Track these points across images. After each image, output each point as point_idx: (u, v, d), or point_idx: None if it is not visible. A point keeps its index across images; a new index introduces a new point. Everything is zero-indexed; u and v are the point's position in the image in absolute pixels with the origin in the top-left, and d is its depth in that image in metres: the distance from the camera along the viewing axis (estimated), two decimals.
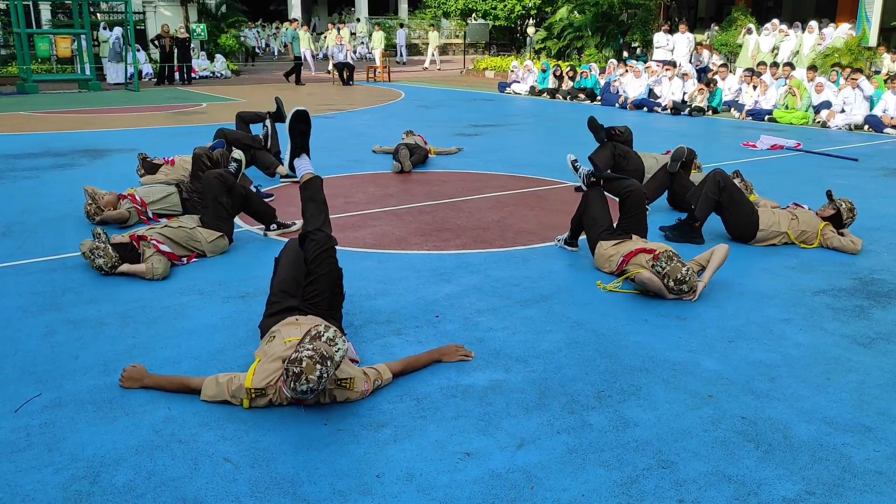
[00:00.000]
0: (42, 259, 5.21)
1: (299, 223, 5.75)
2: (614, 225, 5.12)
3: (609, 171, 6.82)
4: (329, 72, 23.65)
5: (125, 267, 4.81)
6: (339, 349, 2.97)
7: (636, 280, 4.56)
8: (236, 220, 6.10)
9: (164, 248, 4.95)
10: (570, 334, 4.01)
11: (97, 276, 4.83)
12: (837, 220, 5.64)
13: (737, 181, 6.34)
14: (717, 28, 20.08)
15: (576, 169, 5.44)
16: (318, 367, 2.89)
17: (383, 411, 3.19)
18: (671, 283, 4.42)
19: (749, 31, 17.33)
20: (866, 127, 11.98)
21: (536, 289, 4.72)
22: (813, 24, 16.63)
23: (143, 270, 4.79)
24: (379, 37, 25.24)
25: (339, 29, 24.87)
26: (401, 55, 30.26)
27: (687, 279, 4.41)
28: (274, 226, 5.85)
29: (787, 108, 13.01)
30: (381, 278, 4.88)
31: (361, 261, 5.22)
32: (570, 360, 3.69)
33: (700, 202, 5.68)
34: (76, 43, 19.45)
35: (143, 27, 23.67)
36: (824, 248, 5.57)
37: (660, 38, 18.41)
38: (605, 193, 5.26)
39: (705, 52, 18.35)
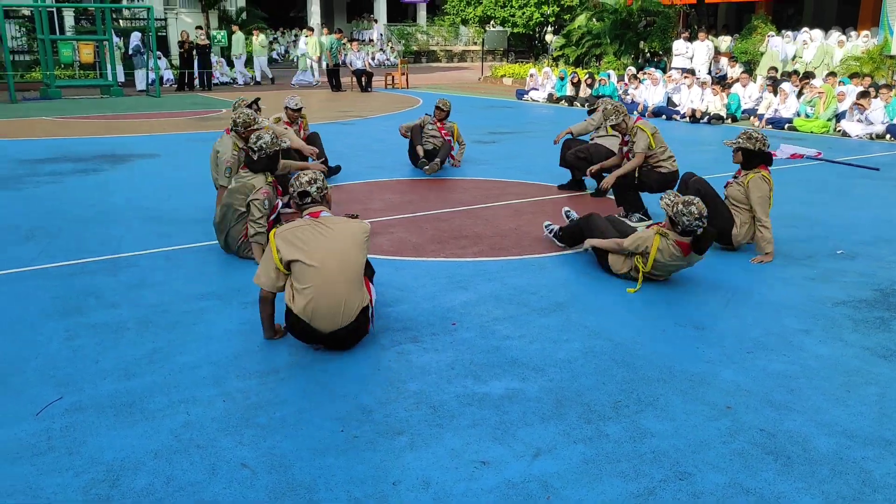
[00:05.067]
0: (64, 263, 5.27)
1: None
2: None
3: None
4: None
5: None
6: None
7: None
8: None
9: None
10: (586, 343, 4.01)
11: (118, 281, 4.88)
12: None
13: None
14: (726, 38, 19.89)
15: (568, 218, 5.83)
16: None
17: (400, 419, 3.20)
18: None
19: (770, 39, 17.23)
20: (888, 136, 11.86)
21: (553, 297, 4.71)
22: (834, 32, 16.51)
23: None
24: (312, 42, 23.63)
25: (351, 39, 24.72)
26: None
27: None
28: None
29: (808, 116, 12.91)
30: (399, 285, 4.90)
31: (378, 267, 5.21)
32: (587, 370, 3.68)
33: None
34: (99, 48, 19.68)
35: (164, 34, 23.91)
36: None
37: (679, 45, 18.34)
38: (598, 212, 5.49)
39: (724, 60, 18.25)
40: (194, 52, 20.63)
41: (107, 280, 4.93)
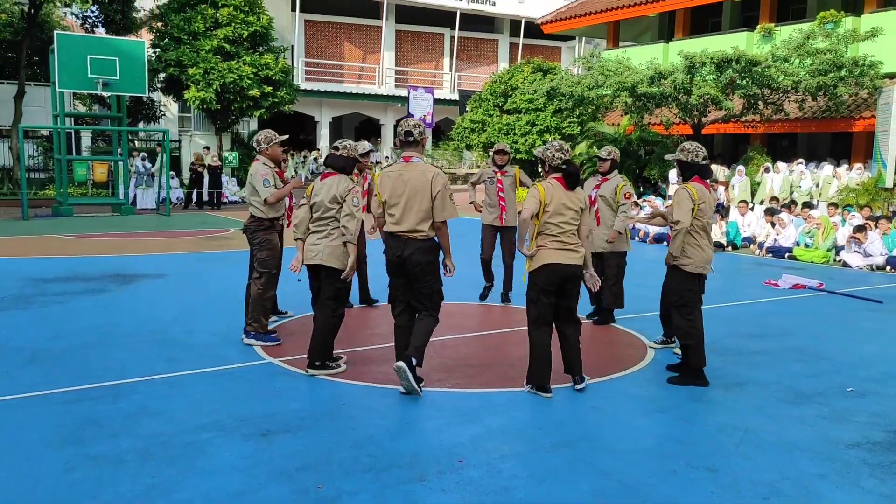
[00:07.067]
0: (66, 389, 5.22)
1: (344, 366, 5.75)
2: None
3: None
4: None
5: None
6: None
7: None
8: (262, 352, 6.14)
9: None
10: (596, 484, 3.90)
11: (119, 409, 4.82)
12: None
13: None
14: (722, 167, 20.41)
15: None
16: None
17: None
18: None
19: (766, 170, 17.72)
20: (888, 268, 11.98)
21: (561, 432, 4.63)
22: (826, 164, 16.99)
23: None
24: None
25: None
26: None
27: None
28: (318, 362, 5.68)
29: (807, 246, 13.10)
30: (404, 417, 4.82)
31: (383, 398, 5.17)
32: None
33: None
34: (114, 168, 20.22)
35: (178, 154, 24.66)
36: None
37: (676, 174, 18.82)
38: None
39: (721, 189, 18.70)
40: (205, 172, 21.23)
41: (108, 408, 4.86)
